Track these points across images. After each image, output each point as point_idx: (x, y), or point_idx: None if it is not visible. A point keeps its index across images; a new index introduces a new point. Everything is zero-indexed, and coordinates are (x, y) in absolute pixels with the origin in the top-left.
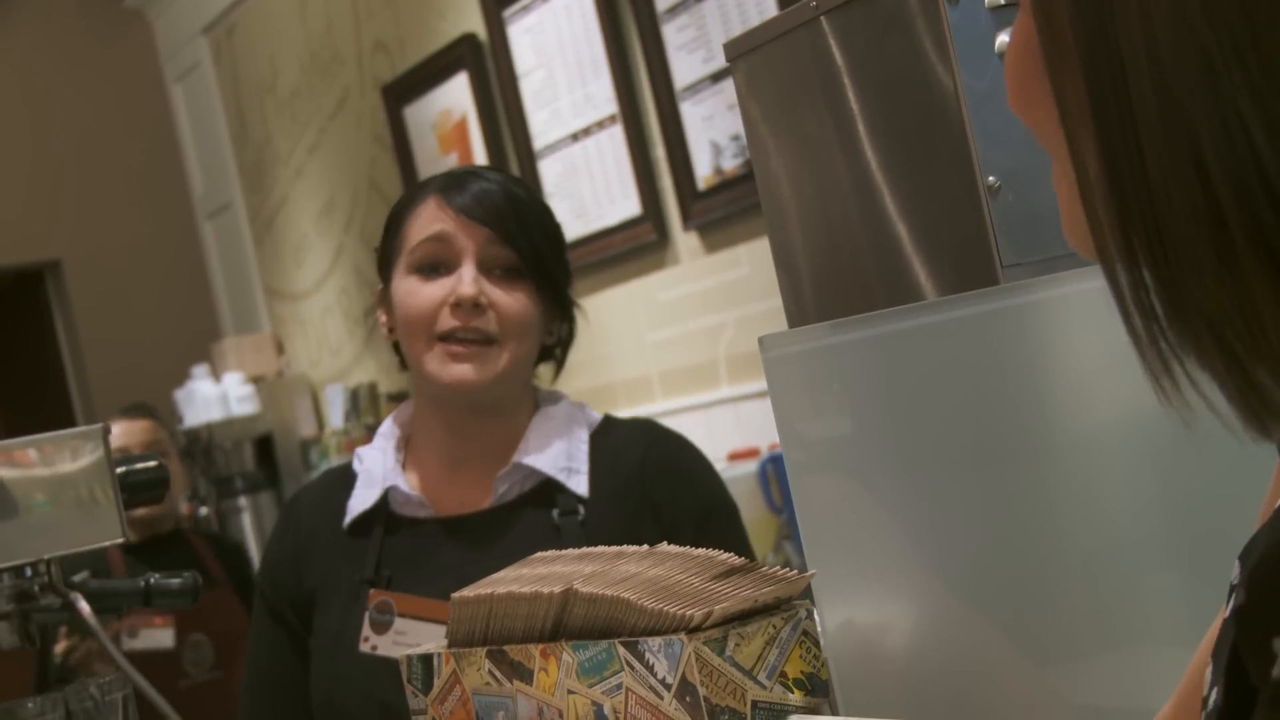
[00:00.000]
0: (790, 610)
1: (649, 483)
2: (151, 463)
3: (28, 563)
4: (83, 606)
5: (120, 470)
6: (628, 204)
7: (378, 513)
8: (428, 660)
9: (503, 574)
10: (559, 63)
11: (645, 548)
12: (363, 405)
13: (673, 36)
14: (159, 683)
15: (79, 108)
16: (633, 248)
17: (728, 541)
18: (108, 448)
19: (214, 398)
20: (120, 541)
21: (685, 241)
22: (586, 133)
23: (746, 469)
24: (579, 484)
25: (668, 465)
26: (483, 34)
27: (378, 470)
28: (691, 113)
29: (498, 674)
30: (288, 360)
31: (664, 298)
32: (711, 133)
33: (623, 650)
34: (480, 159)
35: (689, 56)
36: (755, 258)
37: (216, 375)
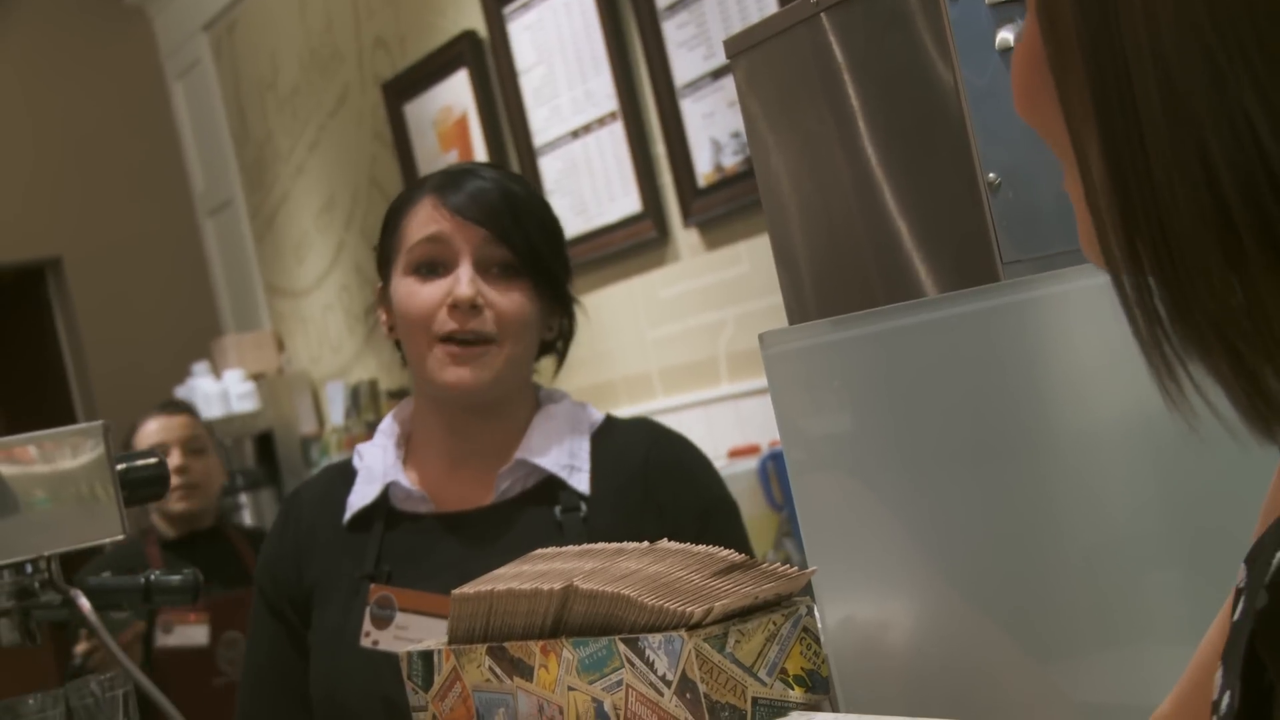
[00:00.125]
0: (790, 607)
1: (652, 482)
2: (152, 460)
3: (28, 559)
4: (83, 604)
5: (121, 467)
6: (628, 201)
7: (378, 508)
8: (428, 657)
9: (503, 571)
10: (559, 60)
11: (645, 544)
12: (363, 402)
13: (673, 33)
14: (193, 680)
15: (80, 105)
16: (633, 245)
17: (728, 540)
18: (108, 444)
19: (214, 395)
20: (120, 537)
21: (685, 238)
22: (587, 130)
23: (747, 466)
24: (580, 481)
25: (671, 465)
26: (483, 31)
27: (378, 466)
28: (692, 110)
29: (498, 671)
30: (288, 357)
31: (664, 295)
32: (712, 130)
33: (623, 647)
34: (481, 156)
35: (689, 53)
36: (755, 255)
37: (217, 372)
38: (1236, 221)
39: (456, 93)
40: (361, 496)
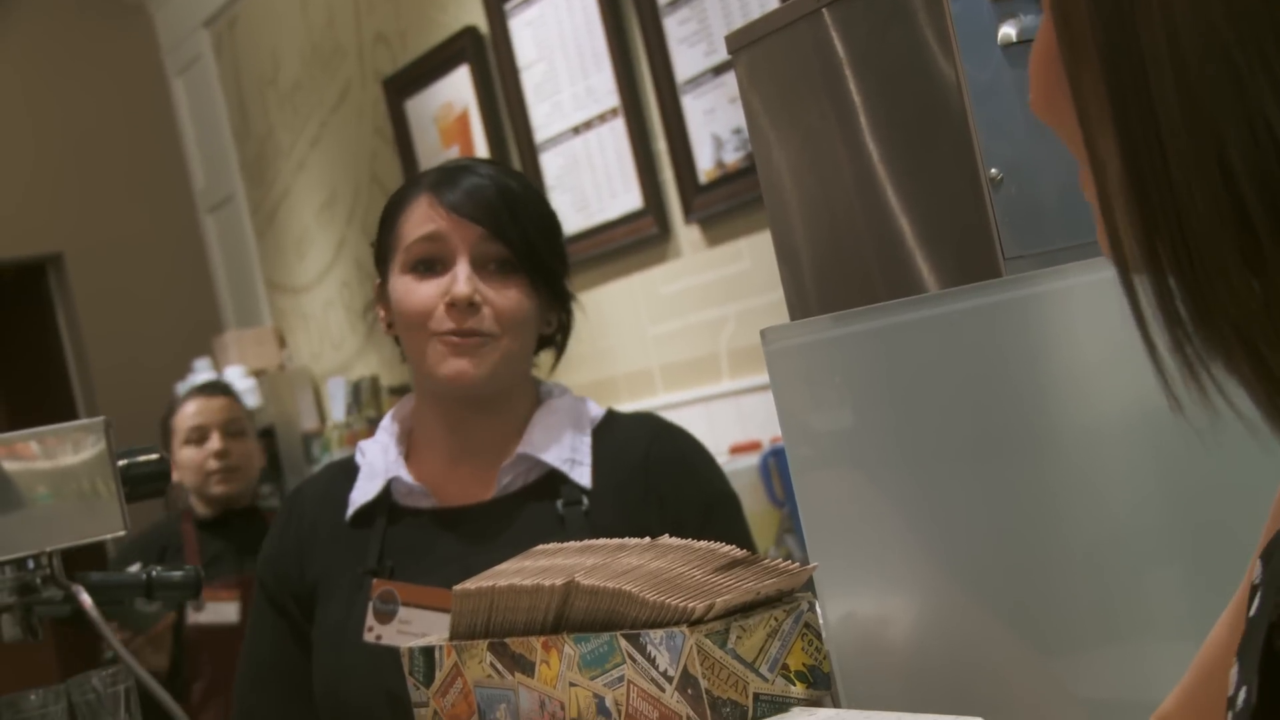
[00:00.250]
0: (792, 603)
1: (653, 476)
2: (153, 455)
3: (30, 555)
4: (84, 599)
5: (122, 463)
6: (629, 197)
7: (380, 504)
8: (429, 653)
9: (504, 566)
10: (560, 56)
11: (647, 540)
12: (364, 398)
13: (674, 29)
14: (224, 657)
15: (80, 101)
16: (634, 241)
17: (731, 535)
18: (110, 440)
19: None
20: (122, 533)
21: (687, 235)
22: (588, 126)
23: (748, 462)
24: (582, 475)
25: (672, 459)
26: (484, 27)
27: (380, 462)
28: (693, 106)
29: (499, 666)
30: (289, 353)
31: (665, 291)
32: (713, 126)
33: (624, 643)
34: (482, 152)
35: (690, 49)
36: (757, 251)
37: (218, 368)
38: (1255, 222)
39: (458, 89)
40: (364, 492)
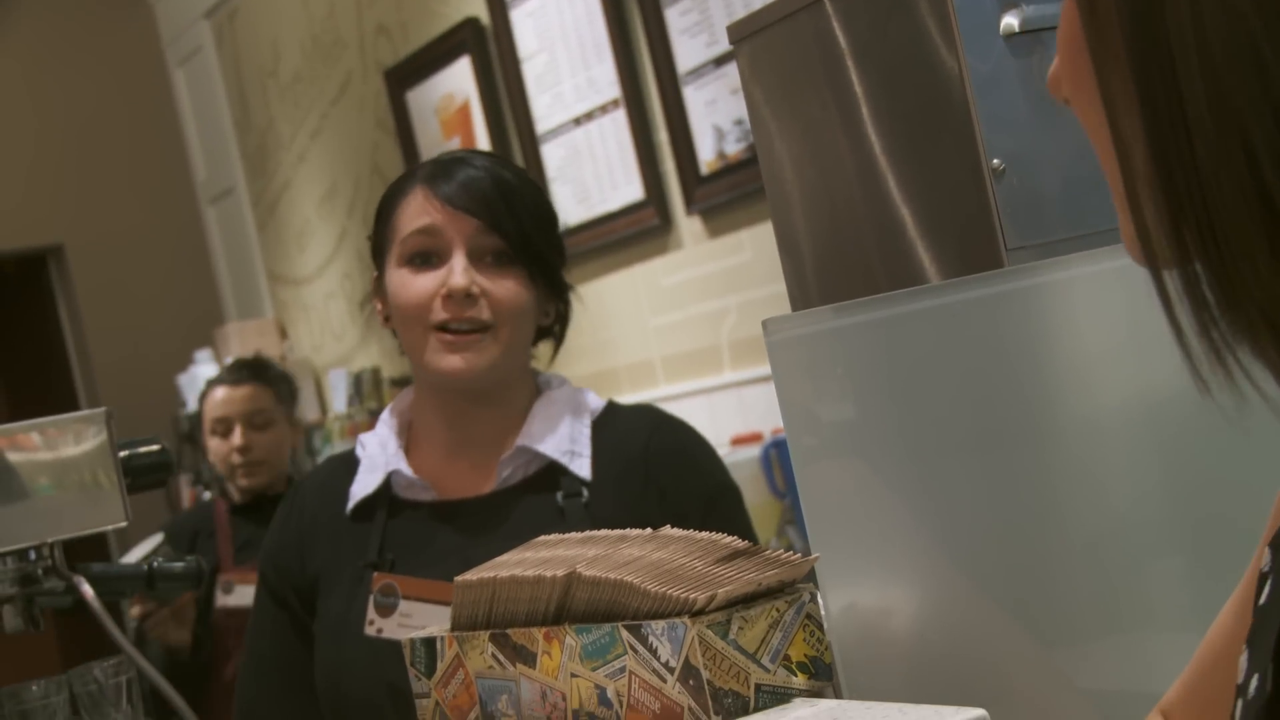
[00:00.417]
0: (794, 594)
1: (653, 468)
2: (154, 446)
3: (31, 546)
4: (86, 590)
5: (123, 454)
6: (630, 189)
7: (380, 497)
8: (431, 644)
9: (506, 557)
10: (561, 47)
11: (648, 531)
12: (366, 390)
13: (676, 20)
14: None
15: (81, 93)
16: (635, 232)
17: (732, 526)
18: (111, 431)
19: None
20: (123, 524)
21: (688, 226)
22: (589, 117)
23: (749, 454)
24: (581, 467)
25: (672, 450)
26: (485, 18)
27: (380, 455)
28: (694, 97)
29: (501, 657)
30: (291, 345)
31: (666, 282)
32: (714, 117)
33: (626, 634)
34: (483, 144)
35: (692, 40)
36: (758, 242)
37: (219, 360)
38: None
39: (459, 80)
40: (364, 486)
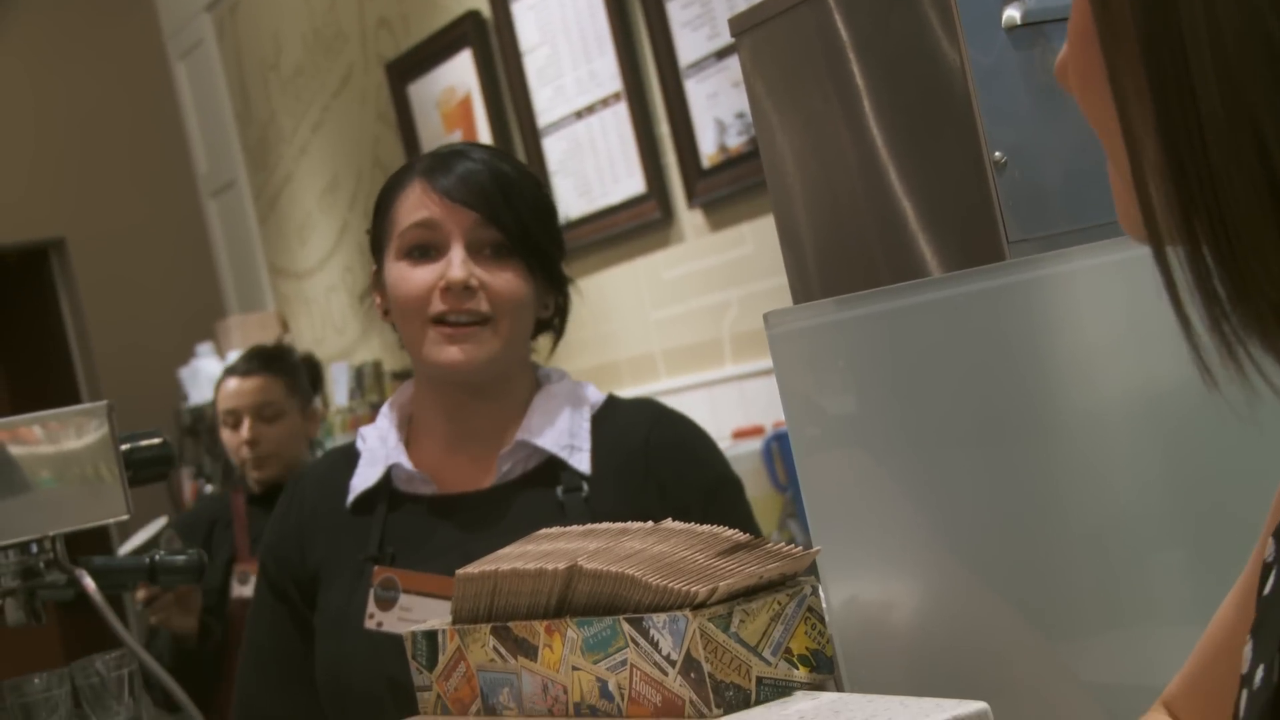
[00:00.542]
0: (795, 587)
1: (654, 462)
2: (155, 439)
3: (33, 539)
4: (88, 583)
5: (125, 447)
6: (632, 182)
7: (381, 490)
8: (432, 637)
9: (507, 550)
10: (563, 40)
11: (650, 525)
12: (367, 383)
13: (677, 13)
14: None
15: (82, 86)
16: (637, 226)
17: (734, 518)
18: (112, 425)
19: (218, 375)
20: (125, 516)
21: (690, 219)
22: (590, 110)
23: (751, 447)
24: (581, 461)
25: (672, 444)
26: (486, 11)
27: (380, 449)
28: (696, 90)
29: (502, 650)
30: (292, 338)
31: (668, 276)
32: (716, 110)
33: (627, 627)
34: (484, 137)
35: (694, 33)
36: (759, 236)
37: (221, 353)
38: None
39: (460, 73)
40: (364, 479)
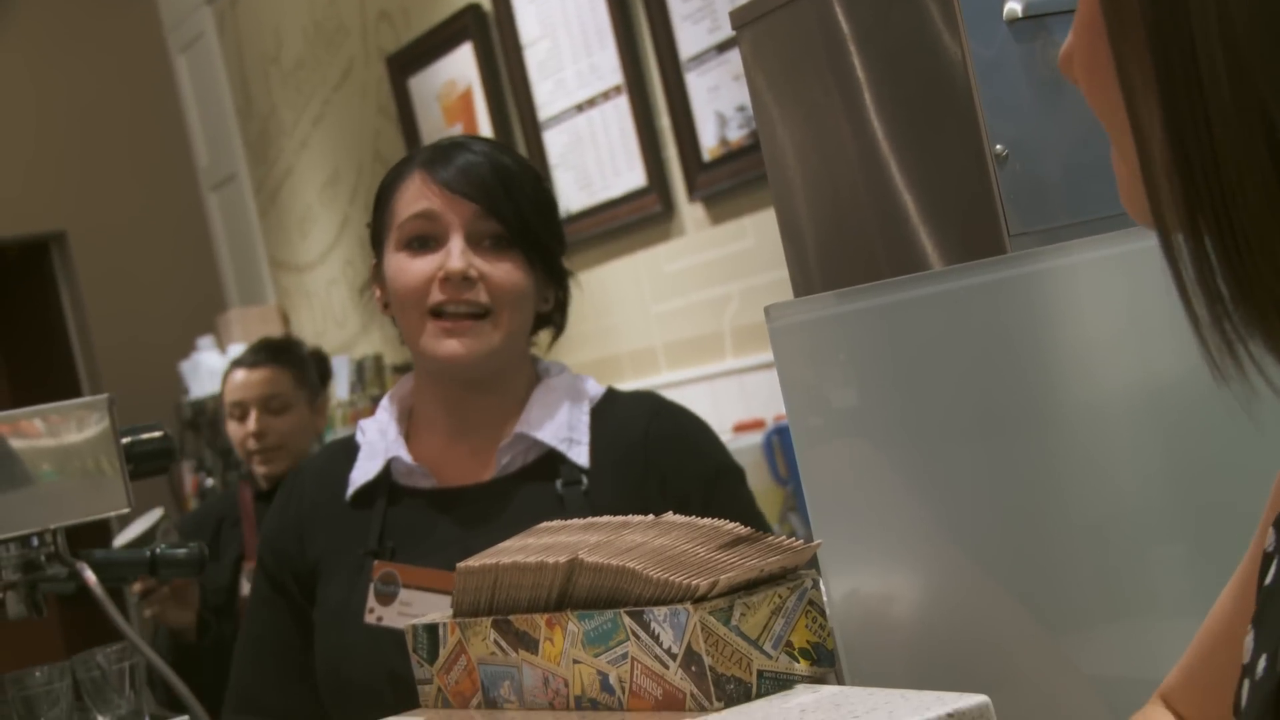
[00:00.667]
0: (796, 580)
1: (654, 454)
2: (156, 433)
3: (34, 532)
4: (89, 576)
5: (126, 440)
6: (633, 175)
7: (380, 484)
8: (433, 630)
9: (508, 544)
10: (564, 33)
11: (650, 518)
12: (368, 377)
13: (678, 6)
14: None
15: (83, 79)
16: (638, 219)
17: (737, 504)
18: (113, 418)
19: (219, 369)
20: (126, 510)
21: (690, 213)
22: (591, 103)
23: (752, 440)
24: (579, 454)
25: (672, 435)
26: (487, 4)
27: (380, 442)
28: (697, 83)
29: (503, 644)
30: (293, 332)
31: (669, 269)
32: (717, 103)
33: (628, 620)
34: (485, 130)
35: (694, 26)
36: (760, 229)
37: (222, 346)
38: None
39: (461, 66)
40: (364, 472)
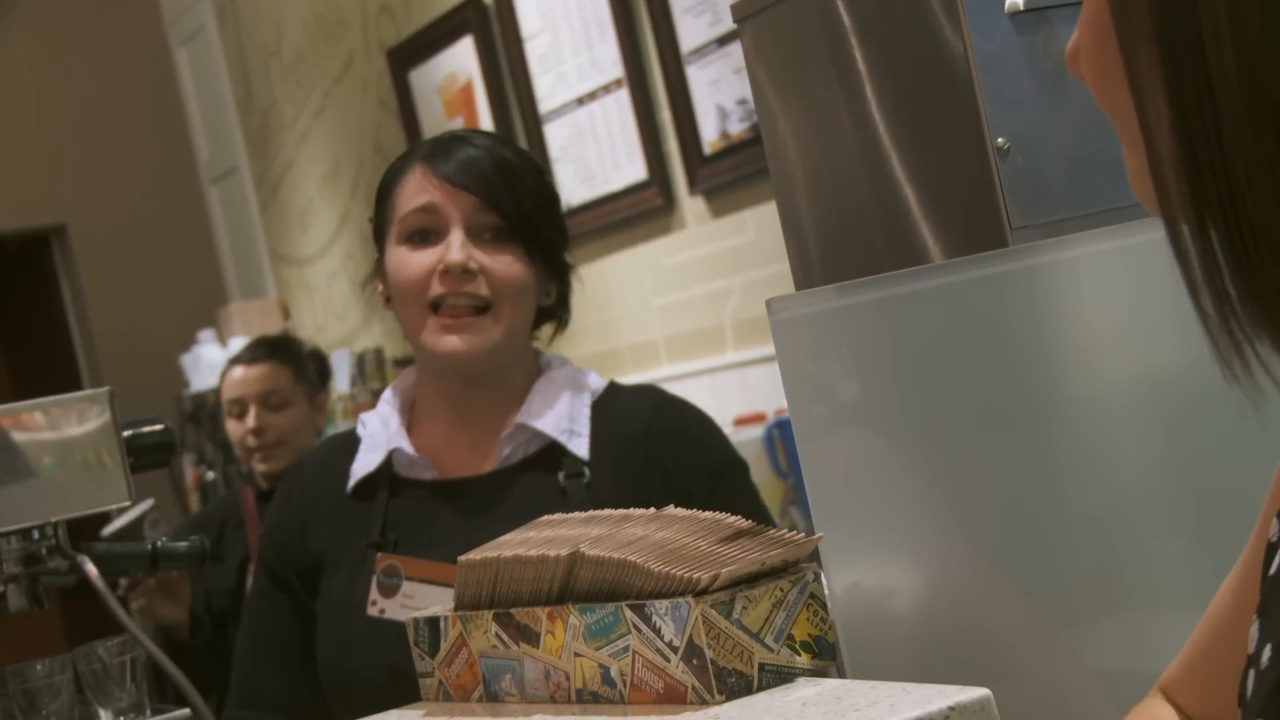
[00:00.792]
0: (797, 573)
1: (656, 447)
2: (157, 426)
3: (35, 525)
4: (90, 570)
5: (127, 434)
6: (633, 168)
7: (382, 476)
8: (434, 623)
9: (509, 537)
10: (564, 26)
11: (652, 511)
12: (369, 370)
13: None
14: None
15: (83, 72)
16: (638, 212)
17: (741, 497)
18: (114, 411)
19: (220, 363)
20: (127, 503)
21: (691, 206)
22: (592, 97)
23: (752, 434)
24: (580, 447)
25: (674, 429)
26: None
27: (381, 434)
28: (698, 77)
29: (505, 637)
30: (294, 325)
31: (670, 263)
32: (718, 97)
33: (630, 613)
34: (486, 123)
35: (695, 20)
36: (761, 222)
37: (223, 340)
38: None
39: (461, 59)
40: (365, 464)
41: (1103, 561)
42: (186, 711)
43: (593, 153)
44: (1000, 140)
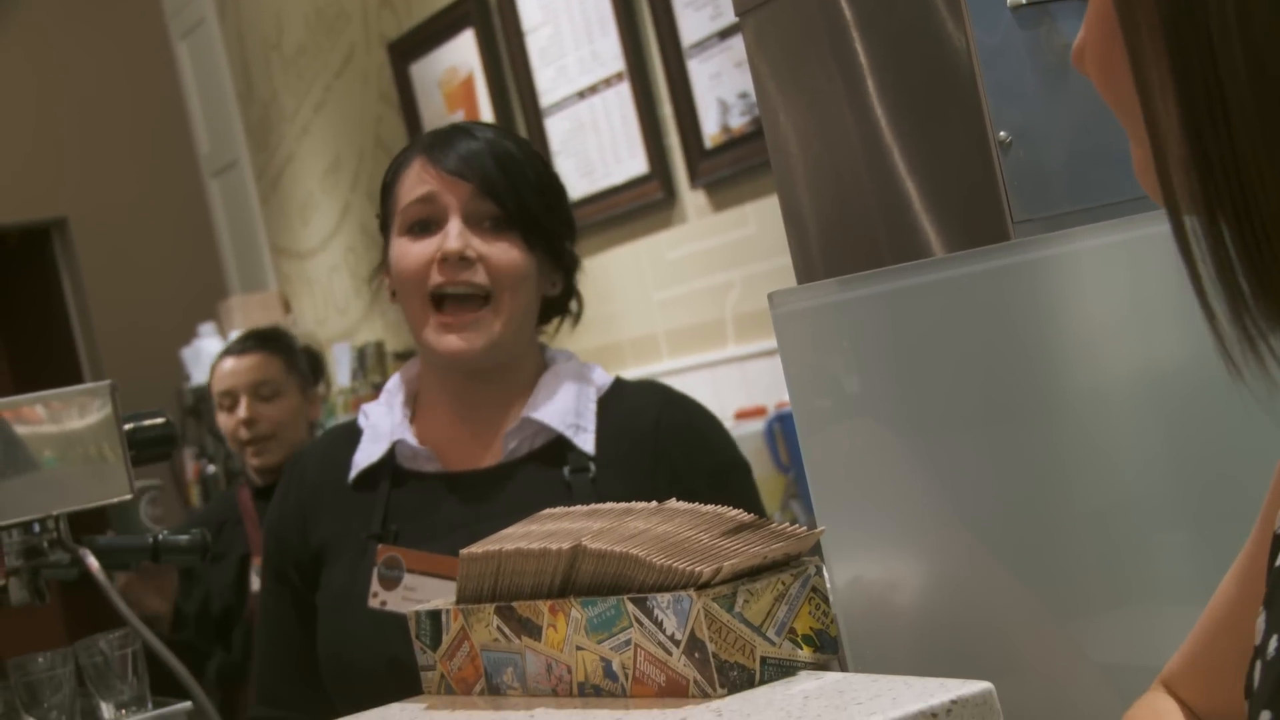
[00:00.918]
0: (799, 567)
1: (664, 445)
2: (159, 419)
3: (36, 519)
4: (91, 563)
5: (128, 427)
6: (634, 162)
7: (384, 467)
8: (436, 617)
9: (511, 530)
10: (565, 19)
11: (654, 504)
12: (369, 364)
13: None
14: None
15: (84, 65)
16: (639, 206)
17: (742, 502)
18: (115, 404)
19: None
20: (128, 496)
21: (692, 200)
22: (593, 90)
23: (753, 428)
24: (586, 442)
25: (682, 427)
26: None
27: (384, 425)
28: (699, 70)
29: (506, 630)
30: (294, 319)
31: (671, 256)
32: (719, 90)
33: (631, 606)
34: (487, 117)
35: (697, 13)
36: (762, 216)
37: (223, 333)
38: None
39: (462, 53)
40: (367, 455)
41: (1104, 555)
42: (187, 704)
43: (594, 146)
44: (1002, 134)
